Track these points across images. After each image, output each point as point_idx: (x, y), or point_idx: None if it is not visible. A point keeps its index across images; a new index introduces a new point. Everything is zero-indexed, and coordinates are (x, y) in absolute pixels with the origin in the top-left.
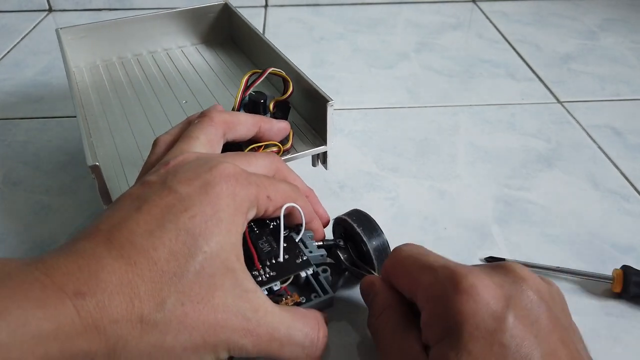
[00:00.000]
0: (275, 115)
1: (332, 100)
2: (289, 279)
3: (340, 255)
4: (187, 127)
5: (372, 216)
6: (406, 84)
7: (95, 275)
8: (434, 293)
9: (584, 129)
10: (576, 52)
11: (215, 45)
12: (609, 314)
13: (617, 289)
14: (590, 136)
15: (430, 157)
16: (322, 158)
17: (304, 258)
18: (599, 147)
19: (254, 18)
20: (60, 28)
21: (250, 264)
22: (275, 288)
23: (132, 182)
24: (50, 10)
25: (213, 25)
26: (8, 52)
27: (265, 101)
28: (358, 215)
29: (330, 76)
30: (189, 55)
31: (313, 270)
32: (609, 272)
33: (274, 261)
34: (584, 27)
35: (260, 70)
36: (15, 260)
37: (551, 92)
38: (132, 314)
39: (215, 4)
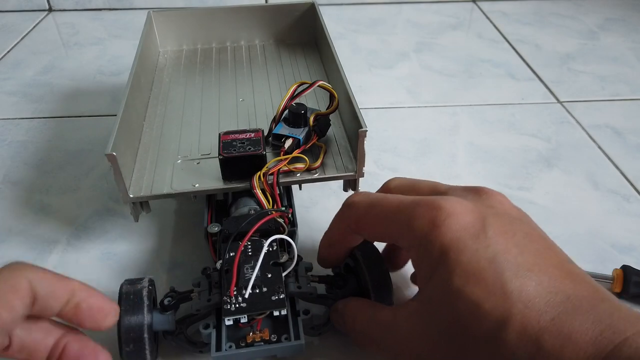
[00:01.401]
0: (314, 129)
1: (365, 128)
2: (262, 314)
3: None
4: None
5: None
6: (406, 84)
7: None
8: (414, 235)
9: (584, 128)
10: (576, 52)
11: (295, 45)
12: None
13: (617, 289)
14: (590, 136)
15: (430, 157)
16: (352, 184)
17: (280, 297)
18: (599, 147)
19: None
20: (152, 10)
21: (229, 286)
22: (243, 320)
23: (152, 174)
24: (50, 10)
25: (298, 25)
26: (8, 52)
27: (305, 112)
28: (365, 250)
29: None
30: (267, 53)
31: (283, 312)
32: (609, 272)
33: (249, 291)
34: (584, 27)
35: (309, 82)
36: None
37: (551, 92)
38: None
39: (302, 3)
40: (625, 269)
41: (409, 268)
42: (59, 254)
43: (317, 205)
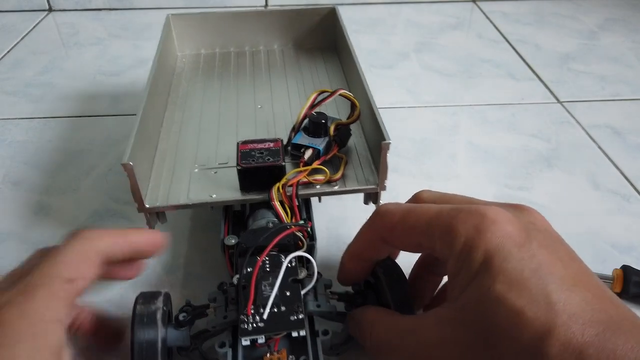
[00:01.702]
0: (334, 139)
1: (389, 140)
2: (279, 334)
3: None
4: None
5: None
6: (406, 84)
7: None
8: (456, 241)
9: (584, 129)
10: (576, 52)
11: (315, 51)
12: None
13: (617, 289)
14: (590, 136)
15: (430, 157)
16: (373, 197)
17: (299, 317)
18: (599, 147)
19: None
20: (171, 14)
21: (246, 304)
22: (260, 341)
23: (168, 183)
24: (50, 10)
25: (318, 29)
26: (8, 52)
27: (326, 122)
28: (386, 266)
29: None
30: (286, 58)
31: (303, 333)
32: (609, 272)
33: (267, 310)
34: (584, 27)
35: (330, 90)
36: None
37: (551, 92)
38: None
39: (323, 7)
40: (625, 269)
41: None
42: None
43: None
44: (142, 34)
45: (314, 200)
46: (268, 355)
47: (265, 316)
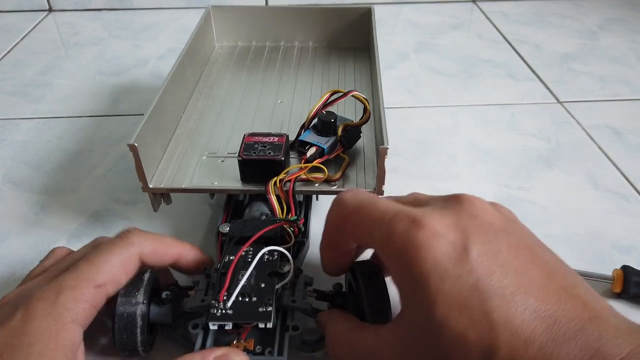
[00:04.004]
0: (340, 140)
1: (387, 145)
2: (248, 324)
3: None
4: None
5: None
6: (406, 84)
7: None
8: (392, 251)
9: (584, 129)
10: (576, 52)
11: (348, 50)
12: None
13: (617, 289)
14: (590, 136)
15: (430, 157)
16: None
17: (268, 309)
18: (599, 147)
19: None
20: (212, 5)
21: (220, 290)
22: (227, 327)
23: (176, 167)
24: (50, 10)
25: (353, 29)
26: (8, 52)
27: (335, 121)
28: (366, 269)
29: None
30: (318, 55)
31: (269, 325)
32: (609, 272)
33: (239, 299)
34: (584, 27)
35: (343, 91)
36: None
37: (551, 92)
38: None
39: (360, 7)
40: (625, 269)
41: None
42: None
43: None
44: (142, 34)
45: (314, 199)
46: (235, 342)
47: (229, 304)
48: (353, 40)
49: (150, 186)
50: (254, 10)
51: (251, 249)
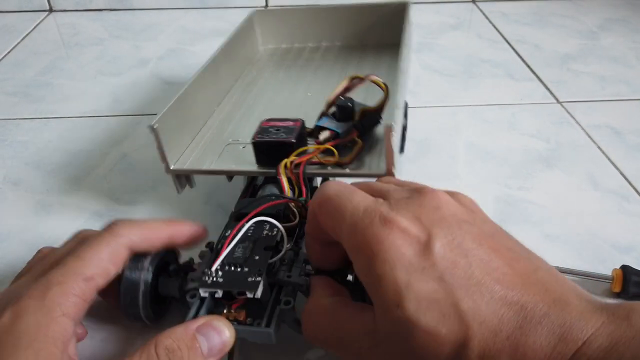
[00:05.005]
0: (355, 125)
1: (392, 124)
2: (242, 293)
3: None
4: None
5: None
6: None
7: None
8: (358, 245)
9: (583, 129)
10: (576, 52)
11: (383, 47)
12: None
13: (617, 289)
14: (590, 136)
15: (430, 157)
16: None
17: (256, 279)
18: (599, 147)
19: None
20: (257, 9)
21: (214, 261)
22: (217, 295)
23: (201, 152)
24: (50, 10)
25: (388, 26)
26: (8, 52)
27: (352, 107)
28: None
29: None
30: (355, 53)
31: (257, 296)
32: (608, 272)
33: (232, 268)
34: (584, 27)
35: (362, 76)
36: None
37: (551, 92)
38: None
39: (395, 2)
40: (625, 269)
41: None
42: None
43: None
44: (142, 34)
45: None
46: (225, 311)
47: (220, 273)
48: (392, 36)
49: (172, 167)
50: (297, 11)
51: (253, 225)
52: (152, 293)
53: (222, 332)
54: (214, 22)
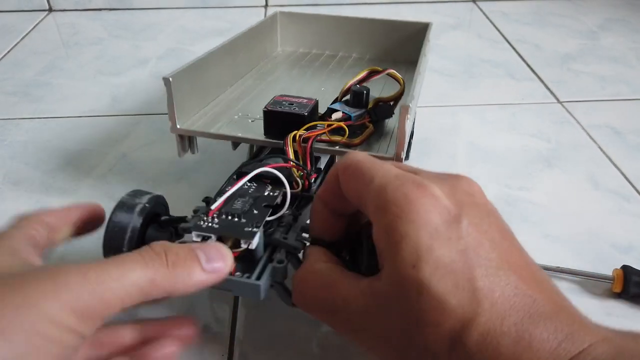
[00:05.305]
0: (368, 111)
1: (409, 104)
2: (236, 244)
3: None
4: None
5: None
6: None
7: None
8: (385, 203)
9: (584, 129)
10: (576, 52)
11: (401, 63)
12: (609, 314)
13: (617, 289)
14: (590, 136)
15: (430, 157)
16: None
17: (254, 230)
18: (599, 147)
19: (253, 18)
20: (280, 11)
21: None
22: (209, 242)
23: (209, 119)
24: (50, 10)
25: (408, 44)
26: (8, 52)
27: (367, 94)
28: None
29: None
30: (369, 64)
31: (252, 247)
32: (609, 272)
33: (229, 217)
34: (584, 27)
35: (381, 69)
36: None
37: (551, 92)
38: None
39: (418, 22)
40: (625, 269)
41: None
42: (60, 255)
43: None
44: (141, 34)
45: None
46: None
47: (217, 220)
48: (410, 54)
49: (178, 127)
50: (318, 19)
51: (256, 184)
52: (138, 242)
53: (221, 248)
54: (213, 21)
